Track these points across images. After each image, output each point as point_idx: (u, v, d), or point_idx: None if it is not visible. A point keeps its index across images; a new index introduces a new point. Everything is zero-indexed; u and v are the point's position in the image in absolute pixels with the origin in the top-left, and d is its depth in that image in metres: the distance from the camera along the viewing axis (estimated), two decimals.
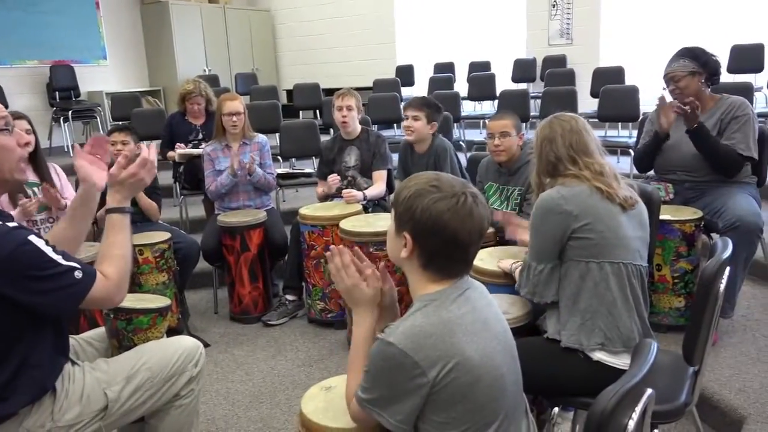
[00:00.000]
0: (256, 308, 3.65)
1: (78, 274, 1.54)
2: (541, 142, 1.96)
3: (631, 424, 1.07)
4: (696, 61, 2.87)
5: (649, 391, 1.14)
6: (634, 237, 1.85)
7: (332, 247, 1.48)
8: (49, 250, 1.52)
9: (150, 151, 1.74)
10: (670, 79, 2.92)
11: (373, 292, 1.44)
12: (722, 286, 1.72)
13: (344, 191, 3.58)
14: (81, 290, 1.54)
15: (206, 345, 3.38)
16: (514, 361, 1.37)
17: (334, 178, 3.65)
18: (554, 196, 1.84)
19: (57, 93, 7.26)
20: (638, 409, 1.09)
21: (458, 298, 1.29)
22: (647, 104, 3.36)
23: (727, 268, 1.78)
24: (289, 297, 3.65)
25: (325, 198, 3.78)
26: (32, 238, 1.49)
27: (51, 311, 1.57)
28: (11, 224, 1.50)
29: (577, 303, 1.82)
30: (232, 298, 3.68)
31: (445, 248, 1.28)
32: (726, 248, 1.79)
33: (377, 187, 3.67)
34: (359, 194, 3.55)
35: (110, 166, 1.77)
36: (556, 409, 1.91)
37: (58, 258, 1.53)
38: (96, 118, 7.36)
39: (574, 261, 1.83)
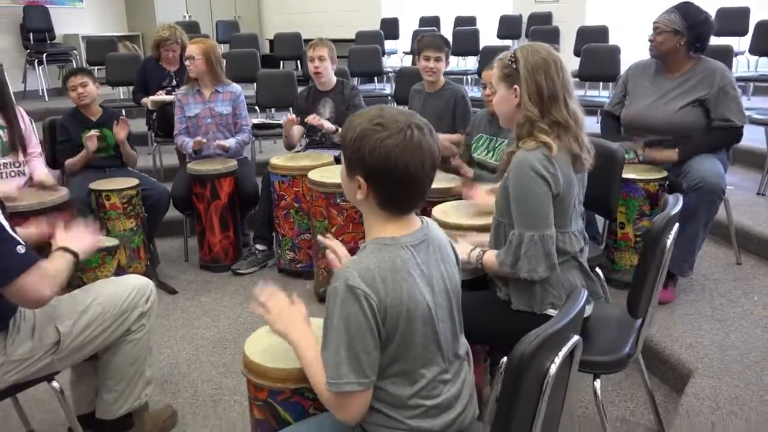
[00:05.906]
0: (227, 257, 3.66)
1: (20, 249, 1.46)
2: (533, 68, 1.68)
3: (553, 368, 1.09)
4: (684, 21, 2.81)
5: (576, 337, 1.17)
6: (581, 200, 1.83)
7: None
8: None
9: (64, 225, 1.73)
10: (654, 29, 2.88)
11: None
12: (669, 241, 1.74)
13: (308, 117, 3.54)
14: (17, 266, 1.45)
15: (174, 292, 3.39)
16: (450, 316, 1.36)
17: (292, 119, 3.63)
18: (540, 157, 1.68)
19: (31, 34, 7.05)
20: (561, 354, 1.11)
21: (411, 248, 1.29)
22: (627, 64, 3.31)
23: (676, 224, 1.81)
24: (259, 246, 3.66)
25: (290, 147, 3.75)
26: None
27: None
28: None
29: None
30: (202, 247, 3.68)
31: (400, 185, 1.26)
32: (676, 204, 1.81)
33: None
34: (326, 122, 3.52)
35: None
36: (504, 359, 1.95)
37: (5, 224, 1.46)
38: (71, 61, 7.18)
39: None
